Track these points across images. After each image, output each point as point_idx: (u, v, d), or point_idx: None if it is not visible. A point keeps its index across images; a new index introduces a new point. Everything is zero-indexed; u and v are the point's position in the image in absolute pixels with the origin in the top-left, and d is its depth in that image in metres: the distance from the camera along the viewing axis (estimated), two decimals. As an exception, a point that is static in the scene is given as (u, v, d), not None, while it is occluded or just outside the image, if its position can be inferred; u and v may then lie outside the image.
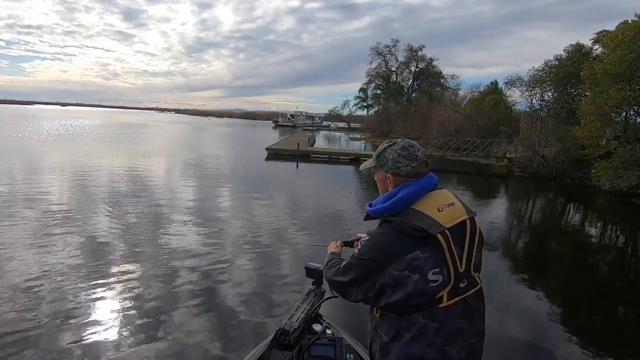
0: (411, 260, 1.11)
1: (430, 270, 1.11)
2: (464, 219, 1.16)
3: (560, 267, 6.32)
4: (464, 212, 1.18)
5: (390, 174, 1.25)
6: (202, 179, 11.90)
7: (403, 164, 1.23)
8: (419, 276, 1.11)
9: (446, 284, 1.12)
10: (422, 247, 1.11)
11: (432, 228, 1.10)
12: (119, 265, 4.82)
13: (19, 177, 10.18)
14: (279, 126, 66.07)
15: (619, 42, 13.00)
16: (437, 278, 1.11)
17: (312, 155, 20.43)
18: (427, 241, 1.11)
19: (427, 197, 1.18)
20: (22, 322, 3.41)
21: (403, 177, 1.23)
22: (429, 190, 1.20)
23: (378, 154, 1.30)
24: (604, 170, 13.18)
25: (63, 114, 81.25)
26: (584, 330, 4.15)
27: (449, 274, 1.12)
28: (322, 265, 2.05)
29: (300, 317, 1.87)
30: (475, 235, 1.18)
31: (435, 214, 1.13)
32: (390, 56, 49.68)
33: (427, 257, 1.11)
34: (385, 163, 1.26)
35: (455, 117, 28.56)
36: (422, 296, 1.11)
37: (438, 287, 1.12)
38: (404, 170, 1.23)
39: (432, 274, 1.11)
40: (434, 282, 1.11)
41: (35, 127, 32.56)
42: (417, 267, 1.11)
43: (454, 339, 1.14)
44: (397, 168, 1.23)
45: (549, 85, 18.95)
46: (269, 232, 6.69)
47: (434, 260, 1.11)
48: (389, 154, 1.26)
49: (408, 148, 1.24)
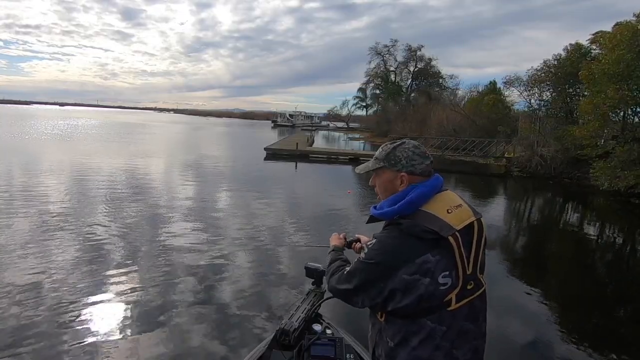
0: (422, 264, 1.08)
1: (440, 273, 1.09)
2: (472, 221, 1.15)
3: (559, 267, 6.33)
4: (471, 214, 1.17)
5: (404, 173, 1.21)
6: (201, 179, 11.89)
7: (418, 161, 1.20)
8: (429, 280, 1.09)
9: (454, 287, 1.11)
10: (433, 250, 1.09)
11: (444, 230, 1.09)
12: (118, 265, 4.81)
13: (16, 177, 10.16)
14: (278, 126, 66.06)
15: (616, 42, 13.04)
16: (447, 281, 1.10)
17: (310, 155, 20.43)
18: (438, 244, 1.09)
19: (435, 198, 1.16)
20: (21, 323, 3.41)
21: (418, 175, 1.20)
22: (437, 192, 1.18)
23: (387, 154, 1.25)
24: (602, 170, 13.22)
25: (61, 113, 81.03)
26: (582, 329, 4.17)
27: (457, 276, 1.11)
28: (322, 265, 2.06)
29: (300, 317, 1.87)
30: (482, 237, 1.17)
31: (445, 216, 1.12)
32: (389, 56, 49.84)
33: (438, 260, 1.09)
34: (398, 162, 1.22)
35: (454, 117, 28.58)
36: (432, 300, 1.10)
37: (447, 290, 1.10)
38: (419, 168, 1.20)
39: (442, 277, 1.09)
40: (443, 285, 1.10)
41: (34, 127, 32.45)
42: (428, 270, 1.09)
43: (460, 341, 1.13)
44: (412, 166, 1.20)
45: (547, 85, 19.01)
46: (268, 232, 6.69)
47: (444, 263, 1.10)
48: (400, 152, 1.22)
49: (419, 147, 1.23)
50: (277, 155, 19.58)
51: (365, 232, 1.70)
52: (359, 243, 1.68)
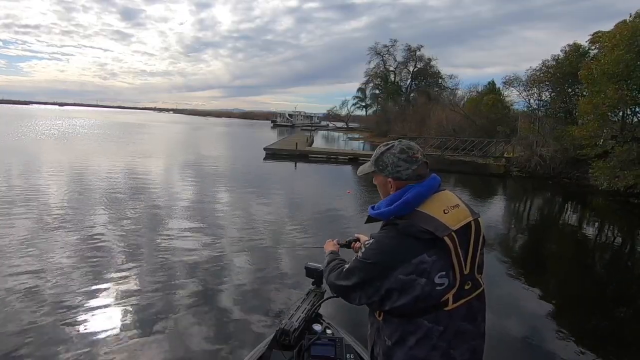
0: (418, 264, 1.09)
1: (437, 273, 1.09)
2: (469, 221, 1.15)
3: (558, 266, 6.34)
4: (468, 214, 1.16)
5: (391, 179, 1.22)
6: (200, 180, 11.87)
7: (403, 167, 1.20)
8: (425, 280, 1.09)
9: (452, 287, 1.11)
10: (429, 250, 1.09)
11: (439, 230, 1.09)
12: (118, 266, 4.80)
13: (16, 178, 10.15)
14: (278, 126, 66.06)
15: (616, 42, 13.05)
16: (443, 281, 1.10)
17: (310, 155, 20.43)
18: (434, 244, 1.09)
19: (432, 198, 1.16)
20: (21, 324, 3.40)
21: (404, 181, 1.20)
22: (434, 192, 1.18)
23: (376, 159, 1.26)
24: (601, 170, 13.24)
25: (61, 113, 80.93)
26: (581, 328, 4.17)
27: (454, 276, 1.11)
28: (322, 265, 2.06)
29: (300, 317, 1.87)
30: (479, 237, 1.17)
31: (441, 216, 1.12)
32: (388, 56, 49.84)
33: (434, 260, 1.09)
34: (384, 168, 1.23)
35: (453, 117, 28.62)
36: (429, 300, 1.10)
37: (444, 290, 1.10)
38: (404, 174, 1.20)
39: (439, 277, 1.09)
40: (440, 286, 1.10)
41: (33, 127, 32.41)
42: (424, 270, 1.09)
43: (458, 342, 1.13)
44: (397, 172, 1.20)
45: (546, 85, 19.03)
46: (267, 232, 6.69)
47: (441, 263, 1.10)
48: (387, 158, 1.23)
49: (407, 150, 1.21)
50: (277, 155, 19.58)
51: (365, 231, 1.71)
52: (358, 242, 1.69)
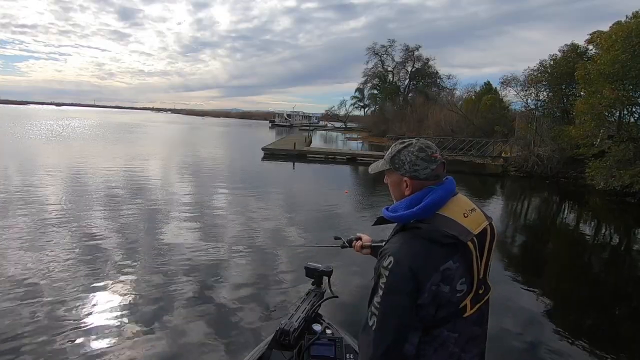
0: (445, 271, 1.03)
1: (459, 280, 1.05)
2: (485, 225, 1.12)
3: (555, 266, 6.38)
4: (484, 218, 1.13)
5: (407, 178, 1.15)
6: (198, 180, 11.86)
7: (421, 166, 1.13)
8: (449, 287, 1.04)
9: (469, 293, 1.08)
10: (454, 256, 1.04)
11: (463, 235, 1.04)
12: (117, 266, 4.80)
13: (14, 178, 10.10)
14: (276, 126, 66.01)
15: (612, 42, 13.12)
16: (463, 287, 1.06)
17: (308, 155, 20.43)
18: (457, 249, 1.05)
19: (450, 202, 1.11)
20: (19, 323, 3.40)
21: (422, 180, 1.13)
22: (452, 195, 1.13)
23: (392, 156, 1.19)
24: (598, 169, 13.30)
25: (58, 113, 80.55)
26: (579, 327, 4.20)
27: (472, 281, 1.08)
28: (321, 265, 2.07)
29: (300, 317, 1.87)
30: (493, 241, 1.14)
31: (462, 220, 1.07)
32: (386, 56, 49.87)
33: (457, 266, 1.05)
34: (401, 166, 1.16)
35: (451, 117, 28.68)
36: (449, 307, 1.05)
37: (462, 296, 1.07)
38: (422, 173, 1.13)
39: (460, 283, 1.05)
40: (459, 292, 1.06)
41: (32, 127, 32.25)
42: (449, 277, 1.04)
43: (470, 346, 1.11)
44: (415, 171, 1.14)
45: (543, 85, 19.10)
46: (266, 232, 6.70)
47: (462, 269, 1.06)
48: (405, 156, 1.15)
49: (425, 149, 1.15)
50: (275, 155, 19.57)
51: (364, 231, 1.72)
52: (359, 241, 1.67)
